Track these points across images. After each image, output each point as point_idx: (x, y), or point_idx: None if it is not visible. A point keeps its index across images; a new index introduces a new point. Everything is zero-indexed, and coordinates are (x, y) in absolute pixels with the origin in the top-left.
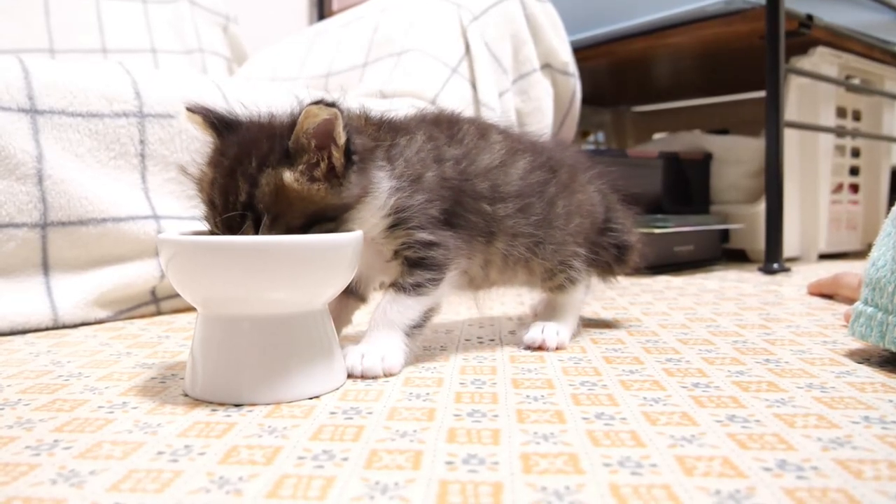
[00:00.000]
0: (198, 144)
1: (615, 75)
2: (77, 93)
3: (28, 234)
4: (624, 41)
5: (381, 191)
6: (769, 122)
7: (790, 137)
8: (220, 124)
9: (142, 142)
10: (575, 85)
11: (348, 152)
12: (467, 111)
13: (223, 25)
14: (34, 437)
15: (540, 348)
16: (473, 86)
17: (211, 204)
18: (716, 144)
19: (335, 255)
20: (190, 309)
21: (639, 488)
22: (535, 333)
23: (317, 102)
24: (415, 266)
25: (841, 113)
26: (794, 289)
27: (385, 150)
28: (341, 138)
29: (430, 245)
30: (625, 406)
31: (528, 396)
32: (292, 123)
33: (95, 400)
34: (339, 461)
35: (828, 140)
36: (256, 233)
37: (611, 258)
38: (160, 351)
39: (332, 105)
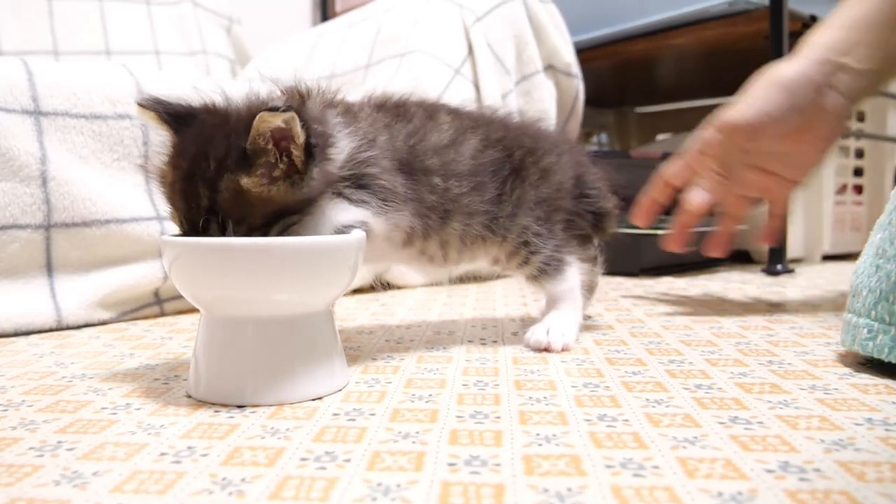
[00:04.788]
0: None
1: (618, 76)
2: (80, 94)
3: (32, 235)
4: (627, 42)
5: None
6: None
7: None
8: (175, 119)
9: (145, 143)
10: (578, 86)
11: (308, 146)
12: None
13: (226, 27)
14: (38, 439)
15: (546, 350)
16: (476, 87)
17: (175, 207)
18: None
19: (339, 256)
20: (193, 310)
21: (641, 490)
22: (540, 335)
23: (271, 109)
24: None
25: None
26: (798, 290)
27: (345, 117)
28: (300, 138)
29: None
30: (627, 408)
31: (530, 398)
32: (248, 123)
33: (99, 401)
34: (342, 462)
35: None
36: (223, 235)
37: (587, 225)
38: (163, 352)
39: (287, 109)
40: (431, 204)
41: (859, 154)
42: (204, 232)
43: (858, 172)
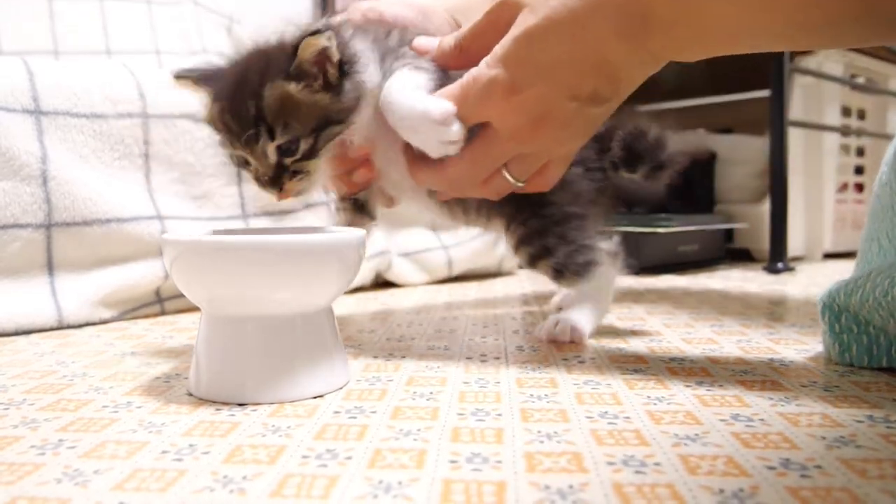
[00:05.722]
0: (201, 145)
1: None
2: (81, 94)
3: (33, 234)
4: None
5: (370, 85)
6: (774, 122)
7: (795, 137)
8: (209, 77)
9: (146, 142)
10: None
11: (340, 64)
12: None
13: (227, 26)
14: (39, 437)
15: (554, 342)
16: None
17: (227, 129)
18: (720, 144)
19: (340, 254)
20: (194, 309)
21: (642, 487)
22: (549, 327)
23: (314, 33)
24: None
25: (846, 112)
26: (799, 288)
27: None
28: (335, 56)
29: None
30: (629, 405)
31: (531, 395)
32: (289, 51)
33: (100, 399)
34: (343, 460)
35: (833, 139)
36: (272, 141)
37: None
38: (164, 351)
39: (327, 30)
40: None
41: (860, 152)
42: (254, 142)
43: (860, 171)
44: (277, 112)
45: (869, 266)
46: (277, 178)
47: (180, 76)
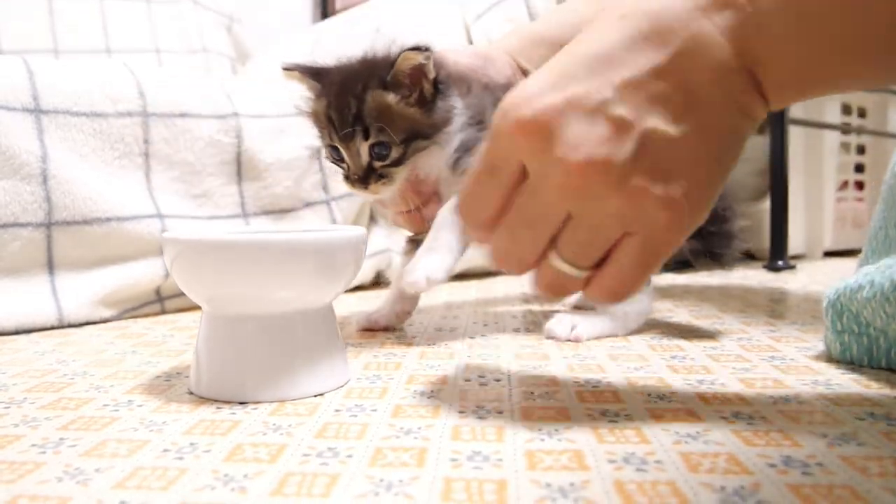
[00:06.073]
0: (201, 144)
1: None
2: (81, 93)
3: (33, 233)
4: None
5: (458, 114)
6: (774, 120)
7: (795, 135)
8: (315, 74)
9: (146, 141)
10: None
11: (435, 83)
12: None
13: (227, 25)
14: (40, 436)
15: (553, 338)
16: None
17: (329, 120)
18: None
19: (340, 253)
20: (194, 308)
21: (643, 485)
22: (552, 323)
23: (413, 49)
24: None
25: (846, 110)
26: (799, 286)
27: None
28: (431, 74)
29: None
30: (629, 403)
31: (532, 393)
32: (389, 62)
33: (100, 398)
34: (344, 458)
35: (833, 137)
36: (365, 141)
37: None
38: (165, 349)
39: (426, 49)
40: None
41: (860, 150)
42: (350, 139)
43: (860, 169)
44: (375, 117)
45: (874, 254)
46: (366, 178)
47: (288, 68)
